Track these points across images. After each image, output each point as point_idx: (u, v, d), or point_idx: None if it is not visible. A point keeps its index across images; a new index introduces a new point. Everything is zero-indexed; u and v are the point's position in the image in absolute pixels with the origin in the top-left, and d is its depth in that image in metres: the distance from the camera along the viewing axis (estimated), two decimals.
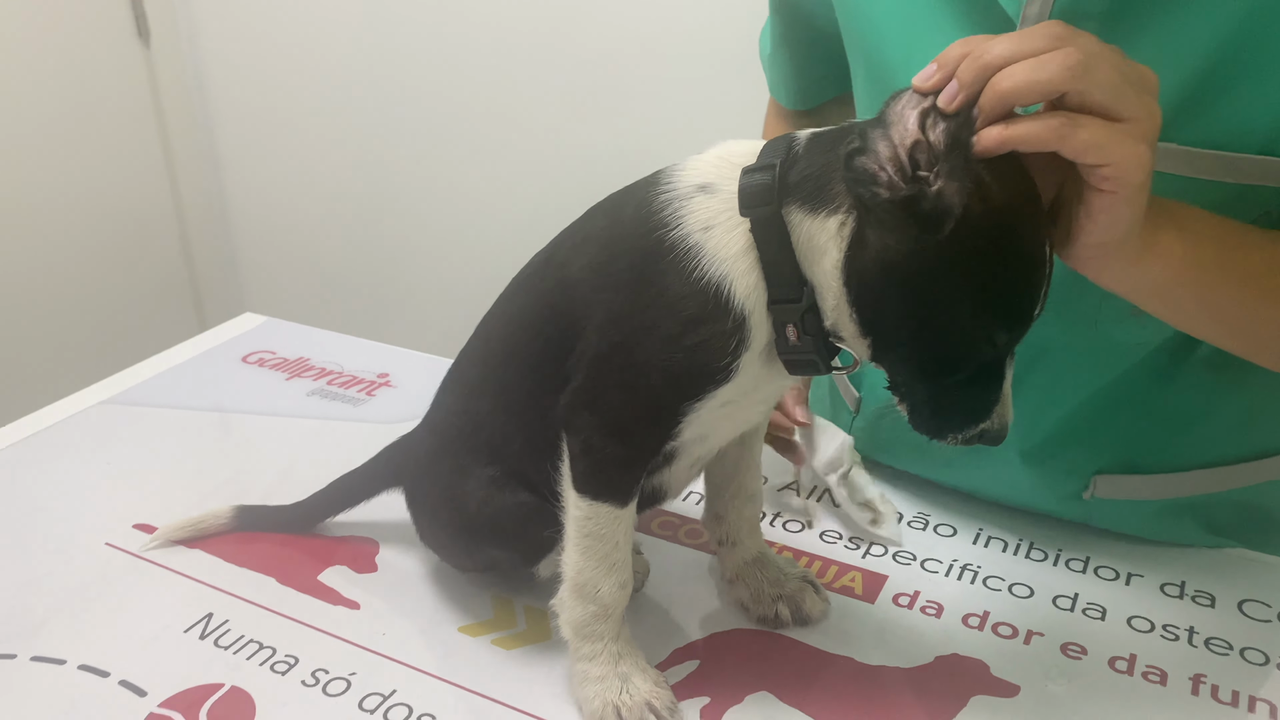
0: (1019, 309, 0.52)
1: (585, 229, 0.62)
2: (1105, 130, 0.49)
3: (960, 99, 0.49)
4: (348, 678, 0.67)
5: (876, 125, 0.50)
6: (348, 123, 2.10)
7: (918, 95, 0.50)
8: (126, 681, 0.67)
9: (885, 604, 0.75)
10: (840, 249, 0.52)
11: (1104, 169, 0.50)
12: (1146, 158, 0.51)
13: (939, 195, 0.49)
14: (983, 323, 0.52)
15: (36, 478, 0.90)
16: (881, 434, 0.88)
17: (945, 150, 0.49)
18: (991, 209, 0.50)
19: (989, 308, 0.52)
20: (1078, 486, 0.79)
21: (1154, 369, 0.73)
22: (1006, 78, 0.49)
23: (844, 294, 0.53)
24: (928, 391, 0.55)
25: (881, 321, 0.53)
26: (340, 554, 0.79)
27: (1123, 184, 0.50)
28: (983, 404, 0.55)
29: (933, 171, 0.49)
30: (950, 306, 0.51)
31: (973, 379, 0.54)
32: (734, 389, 0.57)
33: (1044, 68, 0.49)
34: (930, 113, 0.49)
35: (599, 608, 0.63)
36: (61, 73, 2.02)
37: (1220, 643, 0.71)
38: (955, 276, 0.50)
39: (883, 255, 0.51)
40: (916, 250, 0.50)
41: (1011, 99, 0.49)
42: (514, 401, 0.65)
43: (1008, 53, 0.49)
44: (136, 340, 1.43)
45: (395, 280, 2.19)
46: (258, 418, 0.99)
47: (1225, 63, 0.58)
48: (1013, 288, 0.52)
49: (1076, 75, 0.49)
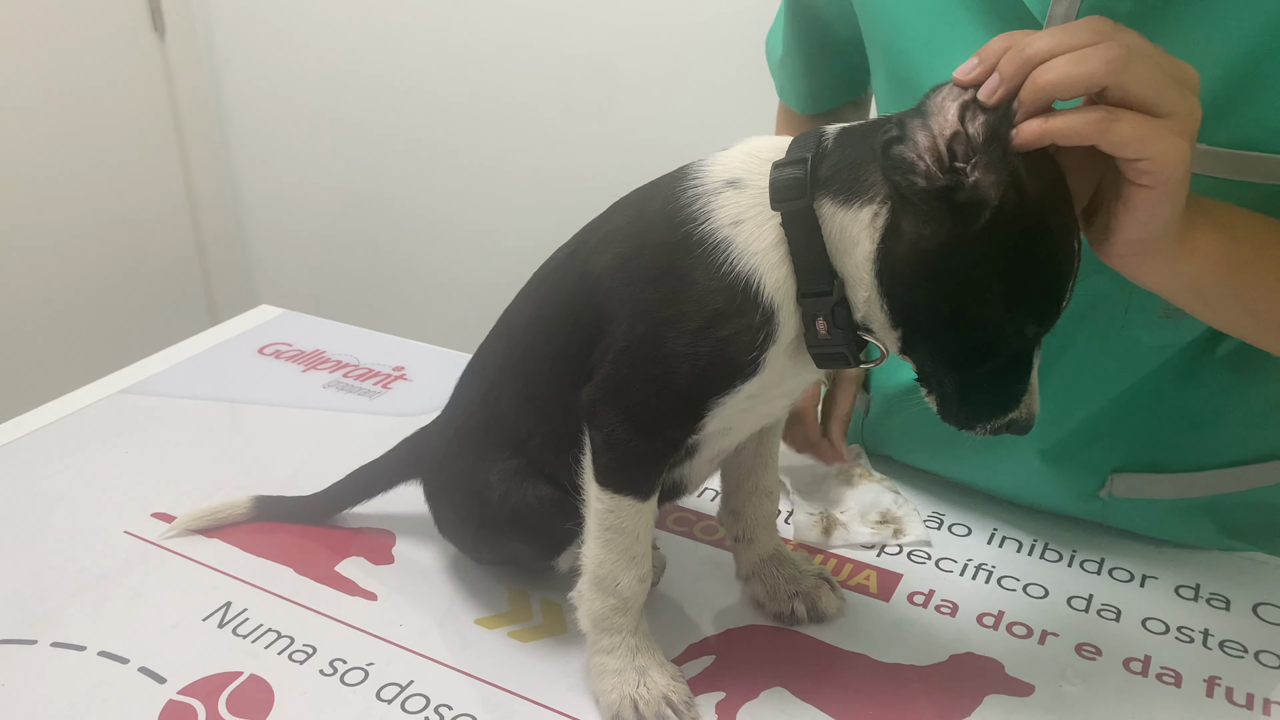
0: (1049, 301, 0.53)
1: (610, 224, 0.62)
2: (1145, 125, 0.49)
3: (1001, 92, 0.49)
4: (365, 668, 0.67)
5: (915, 115, 0.50)
6: (362, 117, 2.10)
7: (958, 88, 0.50)
8: (146, 668, 0.67)
9: (900, 602, 0.75)
10: (873, 240, 0.53)
11: (1142, 163, 0.50)
12: (1186, 153, 0.51)
13: (975, 186, 0.49)
14: (1013, 314, 0.52)
15: (56, 466, 0.90)
16: (895, 430, 0.89)
17: (983, 142, 0.49)
18: (1025, 202, 0.50)
19: (1020, 299, 0.52)
20: (1095, 484, 0.79)
21: (1175, 370, 0.73)
22: (1047, 71, 0.49)
23: (876, 285, 0.54)
24: (957, 383, 0.55)
25: (913, 313, 0.54)
26: (357, 545, 0.80)
27: (1162, 179, 0.51)
28: (1011, 394, 0.55)
29: (970, 163, 0.49)
30: (982, 297, 0.52)
31: (1001, 370, 0.55)
32: (760, 382, 0.57)
33: (1085, 61, 0.49)
34: (970, 105, 0.49)
35: (618, 601, 0.63)
36: (77, 65, 2.03)
37: (1235, 645, 0.71)
38: (988, 267, 0.51)
39: (916, 245, 0.51)
40: (950, 241, 0.50)
41: (1052, 92, 0.49)
42: (536, 394, 0.66)
43: (1049, 47, 0.49)
44: (147, 333, 1.44)
45: (409, 275, 2.20)
46: (274, 409, 1.00)
47: (1252, 65, 0.58)
48: (1043, 280, 0.52)
49: (1117, 70, 0.49)
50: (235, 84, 2.24)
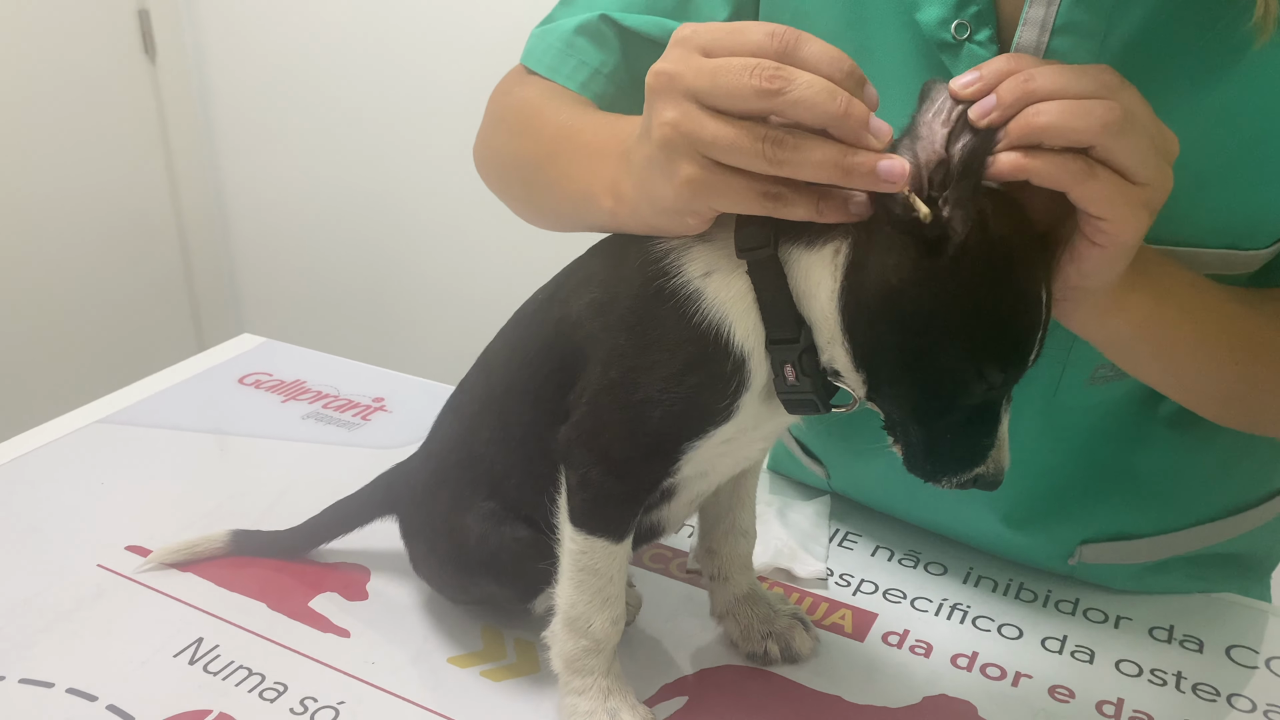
0: (1013, 347, 0.52)
1: (588, 268, 0.62)
2: (1117, 189, 0.50)
3: (993, 118, 0.49)
4: (336, 706, 0.67)
5: (904, 135, 0.50)
6: (352, 144, 2.11)
7: (950, 102, 0.50)
8: (114, 706, 0.67)
9: (875, 642, 0.75)
10: (835, 277, 0.53)
11: (1103, 223, 0.51)
12: (1145, 224, 0.51)
13: (946, 220, 0.49)
14: (974, 357, 0.52)
15: (30, 496, 0.90)
16: (868, 481, 0.88)
17: (957, 175, 0.49)
18: (990, 240, 0.50)
19: (982, 344, 0.52)
20: (1063, 553, 0.79)
21: (1118, 435, 0.73)
22: (1043, 114, 0.49)
23: (840, 323, 0.53)
24: (922, 432, 0.55)
25: (875, 352, 0.53)
26: (331, 581, 0.79)
27: (1115, 242, 0.51)
28: (978, 447, 0.55)
29: (943, 194, 0.49)
30: (943, 338, 0.51)
31: (968, 421, 0.54)
32: (734, 427, 0.57)
33: (1082, 117, 0.48)
34: (958, 129, 0.49)
35: (590, 642, 0.63)
36: (68, 88, 2.03)
37: (1208, 689, 0.71)
38: (949, 305, 0.51)
39: (879, 278, 0.51)
40: (913, 274, 0.50)
41: (1041, 136, 0.49)
42: (513, 435, 0.66)
43: (1054, 87, 0.49)
44: (135, 359, 1.44)
45: (394, 304, 2.20)
46: (254, 440, 0.99)
47: (1197, 157, 0.57)
48: (1006, 324, 0.52)
49: (1112, 134, 0.49)
50: (224, 109, 2.25)
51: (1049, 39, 0.60)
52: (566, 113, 0.71)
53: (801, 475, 0.94)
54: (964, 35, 0.62)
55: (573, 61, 0.77)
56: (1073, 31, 0.59)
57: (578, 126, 0.68)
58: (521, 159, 0.74)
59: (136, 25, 2.16)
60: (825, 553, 0.84)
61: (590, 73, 0.77)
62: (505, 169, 0.78)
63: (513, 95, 0.79)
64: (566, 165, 0.67)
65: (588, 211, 0.64)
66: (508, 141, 0.77)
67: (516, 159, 0.76)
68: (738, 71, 0.49)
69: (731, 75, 0.49)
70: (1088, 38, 0.59)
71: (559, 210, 0.70)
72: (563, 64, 0.77)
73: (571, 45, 0.77)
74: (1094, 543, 0.78)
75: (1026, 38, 0.61)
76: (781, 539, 0.84)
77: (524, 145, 0.74)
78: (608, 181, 0.61)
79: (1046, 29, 0.60)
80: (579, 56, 0.77)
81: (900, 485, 0.82)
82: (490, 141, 0.81)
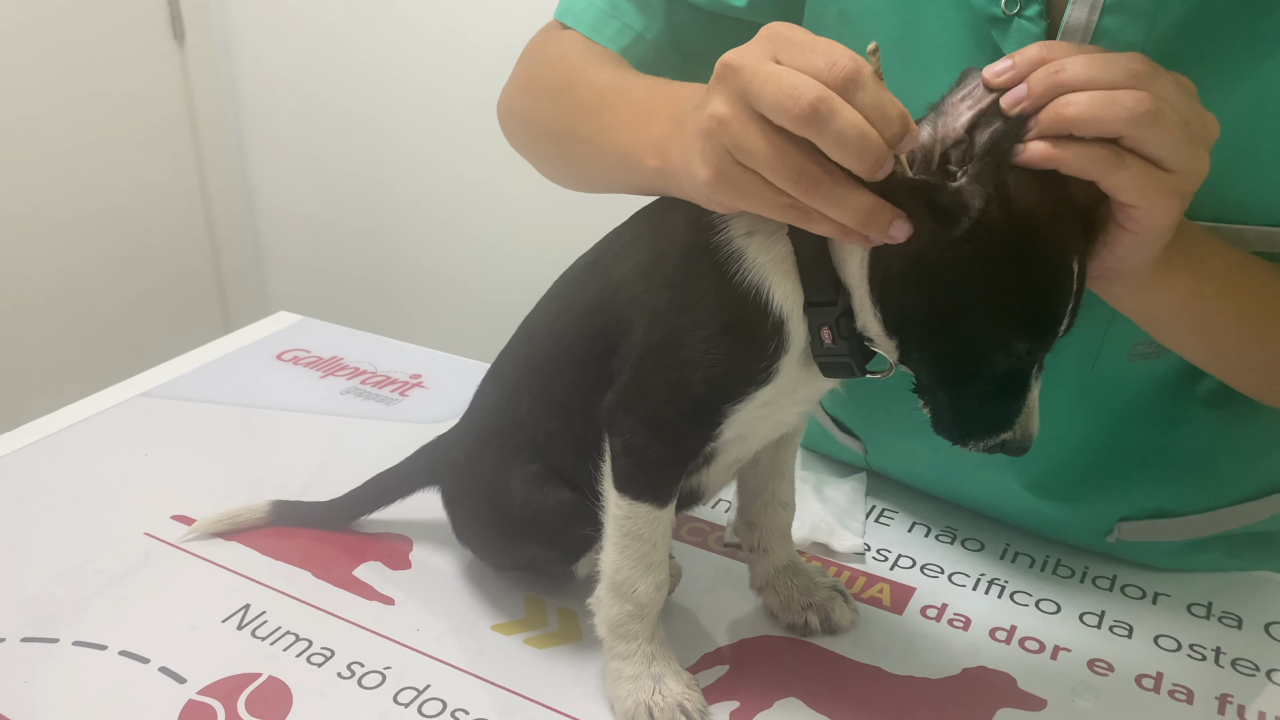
0: (1038, 318, 0.53)
1: (633, 231, 0.63)
2: (1146, 176, 0.50)
3: (1023, 107, 0.50)
4: (383, 671, 0.68)
5: (932, 109, 0.52)
6: (381, 125, 2.11)
7: (980, 87, 0.51)
8: (166, 668, 0.68)
9: (913, 615, 0.75)
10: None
11: (1134, 210, 0.51)
12: (1177, 211, 0.52)
13: (957, 192, 0.49)
14: (999, 328, 0.52)
15: (76, 468, 0.91)
16: (906, 457, 0.88)
17: (981, 152, 0.50)
18: (1013, 214, 0.50)
19: (1005, 314, 0.52)
20: (1102, 529, 0.79)
21: (1157, 413, 0.73)
22: (1072, 105, 0.49)
23: (869, 290, 0.54)
24: (951, 397, 0.56)
25: (904, 319, 0.54)
26: (375, 550, 0.81)
27: (1145, 228, 0.52)
28: (1006, 413, 0.56)
29: (962, 169, 0.50)
30: (966, 307, 0.52)
31: (997, 388, 0.55)
32: (773, 390, 0.58)
33: (1110, 108, 0.49)
34: (986, 116, 0.50)
35: (635, 607, 0.64)
36: (97, 72, 2.05)
37: (1247, 664, 0.72)
38: (971, 276, 0.51)
39: (902, 246, 0.52)
40: (934, 244, 0.51)
41: (1070, 126, 0.49)
42: (557, 400, 0.66)
43: (1084, 77, 0.49)
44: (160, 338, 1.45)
45: (426, 284, 2.21)
46: (292, 414, 1.01)
47: (1243, 136, 0.57)
48: (1030, 295, 0.52)
49: (1141, 125, 0.49)
50: (253, 91, 2.26)
51: (1099, 17, 0.60)
52: (611, 72, 0.72)
53: (837, 452, 0.94)
54: (1014, 10, 0.62)
55: (616, 24, 0.77)
56: (1123, 10, 0.59)
57: (627, 85, 0.69)
58: (558, 117, 0.75)
59: (166, 9, 2.18)
60: (862, 528, 0.85)
61: (634, 37, 0.77)
62: (538, 126, 0.79)
63: (549, 53, 0.79)
64: (611, 120, 0.67)
65: (628, 170, 0.64)
66: (542, 99, 0.77)
67: (552, 117, 0.76)
68: (789, 90, 0.49)
69: (783, 92, 0.49)
70: (1138, 16, 0.59)
71: (597, 167, 0.70)
72: (606, 25, 0.78)
73: (615, 6, 0.78)
74: (1132, 520, 0.78)
75: (1076, 15, 0.60)
76: (819, 514, 0.85)
77: (562, 103, 0.74)
78: (655, 141, 0.61)
79: (1097, 7, 0.60)
80: (623, 19, 0.77)
81: (937, 460, 0.82)
82: (521, 98, 0.81)
